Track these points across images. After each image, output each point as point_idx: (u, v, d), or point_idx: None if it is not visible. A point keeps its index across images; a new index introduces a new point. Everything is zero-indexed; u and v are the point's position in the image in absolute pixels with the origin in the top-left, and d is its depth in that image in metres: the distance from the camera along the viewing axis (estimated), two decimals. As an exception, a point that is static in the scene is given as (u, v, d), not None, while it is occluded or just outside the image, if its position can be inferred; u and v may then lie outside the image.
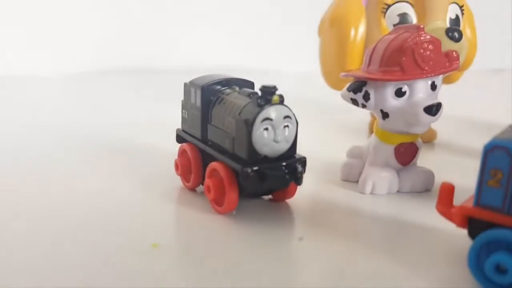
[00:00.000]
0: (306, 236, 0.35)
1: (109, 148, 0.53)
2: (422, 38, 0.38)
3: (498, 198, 0.28)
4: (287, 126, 0.35)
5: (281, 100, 0.35)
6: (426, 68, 0.38)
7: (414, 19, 0.53)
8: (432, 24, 0.52)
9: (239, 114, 0.36)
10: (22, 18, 1.01)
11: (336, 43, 0.55)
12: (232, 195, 0.36)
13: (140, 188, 0.42)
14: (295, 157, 0.36)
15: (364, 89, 0.40)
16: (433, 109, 0.38)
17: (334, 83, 0.56)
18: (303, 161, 0.36)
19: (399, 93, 0.39)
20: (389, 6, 0.53)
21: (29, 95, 0.84)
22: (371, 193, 0.42)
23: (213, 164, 0.38)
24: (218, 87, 0.39)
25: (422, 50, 0.38)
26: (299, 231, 0.37)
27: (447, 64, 0.39)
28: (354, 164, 0.45)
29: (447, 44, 0.50)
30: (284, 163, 0.36)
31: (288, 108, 0.36)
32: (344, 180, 0.45)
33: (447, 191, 0.31)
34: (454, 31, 0.50)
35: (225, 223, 0.36)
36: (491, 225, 0.28)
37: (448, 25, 0.53)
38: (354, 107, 0.41)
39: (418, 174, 0.43)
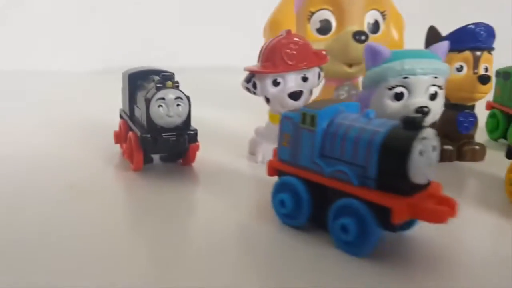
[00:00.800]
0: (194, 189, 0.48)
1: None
2: (289, 40, 0.49)
3: (287, 154, 0.39)
4: (179, 105, 0.48)
5: (176, 85, 0.48)
6: (290, 63, 0.49)
7: (333, 24, 0.63)
8: (348, 28, 0.62)
9: (145, 95, 0.49)
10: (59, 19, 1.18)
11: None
12: (138, 156, 0.49)
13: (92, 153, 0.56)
14: (188, 129, 0.48)
15: (252, 79, 0.51)
16: (295, 95, 0.49)
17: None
18: (193, 132, 0.49)
19: (275, 83, 0.50)
20: (313, 13, 0.63)
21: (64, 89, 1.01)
22: (262, 162, 0.53)
23: (129, 133, 0.51)
24: (141, 75, 0.52)
25: (287, 50, 0.49)
26: (198, 188, 0.49)
27: (315, 60, 0.50)
28: (257, 140, 0.56)
29: (354, 46, 0.60)
30: (174, 133, 0.48)
31: (181, 91, 0.48)
32: (250, 153, 0.57)
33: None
34: (360, 34, 0.60)
35: (135, 178, 0.49)
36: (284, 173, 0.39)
37: (366, 30, 0.63)
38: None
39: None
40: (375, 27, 0.64)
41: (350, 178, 0.35)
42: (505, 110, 0.63)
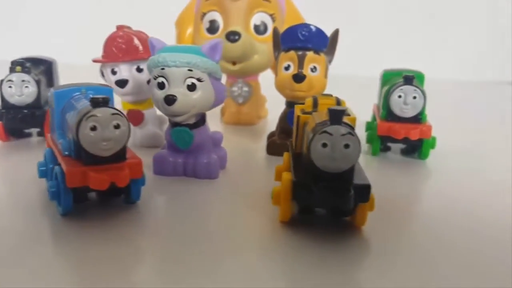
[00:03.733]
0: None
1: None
2: (118, 34, 0.56)
3: (50, 128, 0.47)
4: (27, 87, 0.57)
5: (26, 70, 0.58)
6: (120, 55, 0.56)
7: (221, 24, 0.69)
8: (228, 29, 0.67)
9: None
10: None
11: (177, 39, 0.74)
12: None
13: None
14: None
15: (101, 69, 0.59)
16: (121, 83, 0.56)
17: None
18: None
19: (113, 72, 0.58)
20: (204, 14, 0.69)
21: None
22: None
23: None
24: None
25: (115, 43, 0.56)
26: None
27: (140, 54, 0.56)
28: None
29: (227, 45, 0.65)
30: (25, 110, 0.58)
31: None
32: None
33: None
34: (232, 35, 0.65)
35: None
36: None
37: (252, 31, 0.68)
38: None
39: (148, 133, 0.60)
40: (263, 28, 0.68)
41: (62, 149, 0.42)
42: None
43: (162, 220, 0.41)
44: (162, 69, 0.45)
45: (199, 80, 0.46)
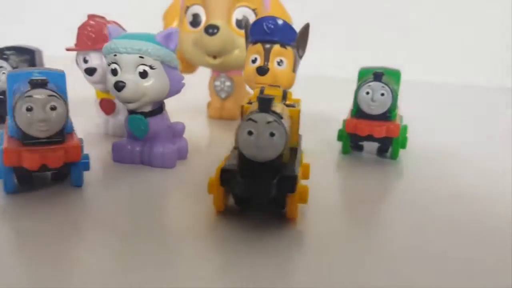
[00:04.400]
0: None
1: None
2: (88, 23, 0.57)
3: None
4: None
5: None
6: (90, 44, 0.57)
7: (203, 18, 0.69)
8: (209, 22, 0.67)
9: None
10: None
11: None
12: None
13: None
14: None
15: (76, 57, 0.60)
16: (89, 71, 0.57)
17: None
18: None
19: (85, 61, 0.59)
20: (188, 7, 0.70)
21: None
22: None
23: None
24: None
25: (86, 31, 0.57)
26: None
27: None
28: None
29: (206, 38, 0.65)
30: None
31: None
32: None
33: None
34: (211, 28, 0.65)
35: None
36: None
37: (234, 25, 0.68)
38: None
39: (119, 123, 0.61)
40: (242, 22, 0.67)
41: (8, 130, 0.42)
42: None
43: (103, 206, 0.41)
44: (115, 55, 0.46)
45: (151, 67, 0.46)
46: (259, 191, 0.36)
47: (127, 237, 0.35)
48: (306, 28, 0.55)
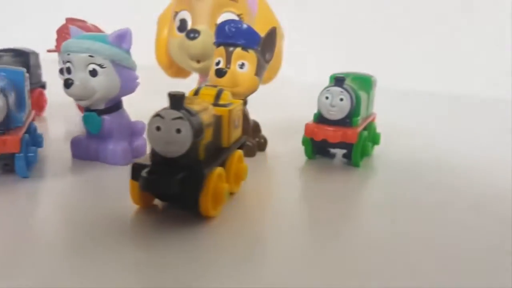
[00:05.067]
0: None
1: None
2: (66, 26, 0.60)
3: None
4: None
5: None
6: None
7: (189, 23, 0.70)
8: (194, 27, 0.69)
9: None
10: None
11: (156, 37, 0.77)
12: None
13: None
14: None
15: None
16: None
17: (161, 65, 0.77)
18: None
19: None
20: (177, 13, 0.72)
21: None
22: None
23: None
24: None
25: (63, 34, 0.60)
26: None
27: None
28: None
29: (187, 43, 0.67)
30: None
31: None
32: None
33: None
34: (192, 33, 0.67)
35: None
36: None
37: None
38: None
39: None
40: (227, 27, 0.68)
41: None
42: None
43: (38, 198, 0.43)
44: (68, 54, 0.48)
45: (100, 66, 0.47)
46: (160, 187, 0.36)
47: (44, 228, 0.37)
48: (271, 32, 0.55)
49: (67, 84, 0.47)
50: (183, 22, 0.69)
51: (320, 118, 0.53)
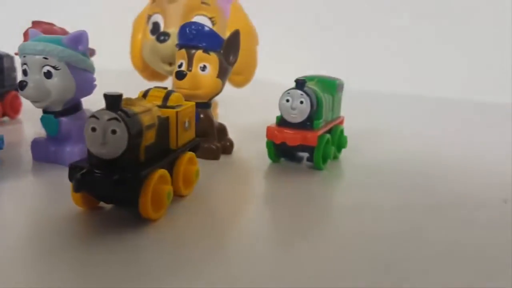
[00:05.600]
0: None
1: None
2: (35, 29, 0.60)
3: None
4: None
5: None
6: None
7: (162, 26, 0.70)
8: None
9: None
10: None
11: (131, 40, 0.77)
12: None
13: None
14: None
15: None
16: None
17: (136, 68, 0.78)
18: None
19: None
20: (150, 16, 0.72)
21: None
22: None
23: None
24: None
25: (28, 37, 0.60)
26: None
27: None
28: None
29: (158, 46, 0.67)
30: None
31: None
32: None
33: None
34: (161, 35, 0.67)
35: None
36: None
37: (189, 32, 0.69)
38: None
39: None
40: (200, 31, 0.68)
41: None
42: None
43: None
44: (24, 56, 0.48)
45: (55, 68, 0.47)
46: (94, 188, 0.36)
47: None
48: (235, 35, 0.55)
49: (22, 86, 0.47)
50: (155, 25, 0.69)
51: (281, 121, 0.53)
